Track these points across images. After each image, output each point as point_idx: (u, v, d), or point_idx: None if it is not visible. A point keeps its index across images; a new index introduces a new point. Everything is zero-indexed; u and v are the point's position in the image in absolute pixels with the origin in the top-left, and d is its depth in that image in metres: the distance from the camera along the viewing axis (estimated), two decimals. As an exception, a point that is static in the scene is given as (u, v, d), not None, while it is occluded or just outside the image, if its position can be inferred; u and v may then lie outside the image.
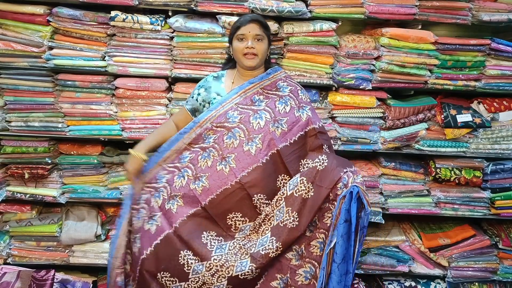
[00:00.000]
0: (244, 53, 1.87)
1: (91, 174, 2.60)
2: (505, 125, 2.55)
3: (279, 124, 1.84)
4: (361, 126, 2.52)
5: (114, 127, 2.49)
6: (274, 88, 1.95)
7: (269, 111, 1.87)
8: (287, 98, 1.91)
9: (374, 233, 2.72)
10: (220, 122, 1.86)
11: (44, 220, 2.66)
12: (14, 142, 2.53)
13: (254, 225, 1.83)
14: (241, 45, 1.87)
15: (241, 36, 1.87)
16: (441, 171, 2.56)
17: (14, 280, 2.46)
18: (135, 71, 2.39)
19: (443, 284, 2.73)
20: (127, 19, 2.27)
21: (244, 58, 1.88)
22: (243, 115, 1.85)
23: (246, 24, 1.86)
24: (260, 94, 1.92)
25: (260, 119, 1.84)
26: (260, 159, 1.80)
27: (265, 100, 1.90)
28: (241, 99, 1.90)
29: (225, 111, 1.87)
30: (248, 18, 1.87)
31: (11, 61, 2.37)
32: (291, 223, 1.77)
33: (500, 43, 2.41)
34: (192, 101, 2.00)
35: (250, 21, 1.86)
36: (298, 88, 2.00)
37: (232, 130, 1.83)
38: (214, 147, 1.85)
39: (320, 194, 1.77)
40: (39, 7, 2.29)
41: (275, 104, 1.89)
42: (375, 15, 2.37)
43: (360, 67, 2.42)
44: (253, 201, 1.80)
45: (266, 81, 1.96)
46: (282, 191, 1.82)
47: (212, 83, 1.98)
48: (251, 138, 1.82)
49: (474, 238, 2.67)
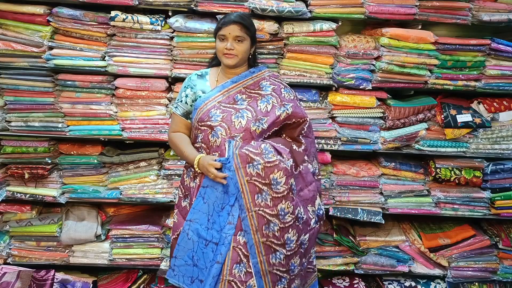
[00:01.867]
0: (223, 53, 1.92)
1: (91, 174, 2.60)
2: (505, 125, 2.55)
3: (260, 123, 1.87)
4: (361, 126, 2.52)
5: (114, 127, 2.49)
6: (257, 87, 1.98)
7: (251, 110, 1.90)
8: (269, 97, 1.94)
9: (374, 233, 2.72)
10: (203, 120, 1.89)
11: (44, 220, 2.66)
12: (14, 142, 2.53)
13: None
14: (222, 45, 1.91)
15: (222, 37, 1.91)
16: (441, 171, 2.56)
17: (14, 280, 2.46)
18: (135, 71, 2.39)
19: (443, 284, 2.73)
20: (127, 19, 2.27)
21: (224, 57, 1.93)
22: (225, 114, 1.88)
23: (228, 25, 1.89)
24: (242, 93, 1.95)
25: (242, 118, 1.87)
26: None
27: (247, 99, 1.93)
28: (223, 98, 1.92)
29: (208, 109, 1.90)
30: (230, 19, 1.90)
31: (11, 61, 2.37)
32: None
33: (500, 43, 2.41)
34: (182, 105, 2.00)
35: (231, 23, 1.89)
36: (281, 87, 2.01)
37: (215, 128, 1.86)
38: (202, 147, 1.92)
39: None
40: (39, 7, 2.29)
41: (257, 103, 1.92)
42: (375, 15, 2.37)
43: (360, 67, 2.42)
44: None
45: (249, 80, 1.98)
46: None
47: (196, 81, 2.00)
48: (233, 136, 1.85)
49: (474, 238, 2.67)
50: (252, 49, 2.01)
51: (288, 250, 1.84)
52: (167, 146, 2.66)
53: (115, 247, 2.67)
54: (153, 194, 2.59)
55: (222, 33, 1.90)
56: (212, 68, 2.07)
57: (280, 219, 1.80)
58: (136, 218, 2.74)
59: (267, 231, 1.80)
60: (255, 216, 1.79)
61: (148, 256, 2.68)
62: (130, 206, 2.83)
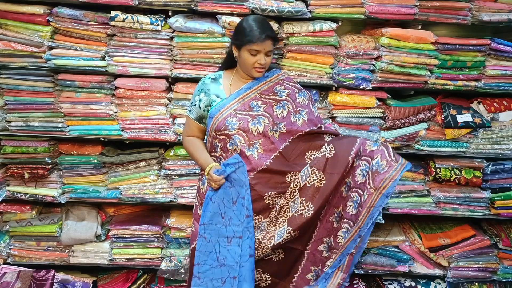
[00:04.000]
0: (255, 67, 1.88)
1: (91, 174, 2.60)
2: (505, 125, 2.55)
3: (278, 128, 1.88)
4: (361, 126, 2.52)
5: (114, 127, 2.49)
6: (271, 93, 1.96)
7: (267, 116, 1.89)
8: (284, 102, 1.93)
9: (374, 233, 2.72)
10: (220, 129, 1.88)
11: (44, 220, 2.66)
12: (14, 142, 2.53)
13: (270, 219, 1.90)
14: (253, 59, 1.85)
15: (254, 52, 1.85)
16: (441, 171, 2.56)
17: (14, 280, 2.46)
18: (135, 71, 2.39)
19: (443, 284, 2.73)
20: (127, 19, 2.27)
21: (254, 70, 1.89)
22: (241, 122, 1.87)
23: (263, 41, 1.82)
24: (257, 99, 1.93)
25: (259, 124, 1.87)
26: (264, 162, 1.86)
27: (262, 105, 1.92)
28: (239, 105, 1.91)
29: (224, 117, 1.88)
30: (264, 36, 1.81)
31: (11, 61, 2.37)
32: (306, 212, 1.85)
33: (500, 43, 2.41)
34: (196, 109, 1.98)
35: (265, 38, 1.82)
36: (296, 91, 2.00)
37: (233, 137, 1.86)
38: (222, 156, 1.92)
39: (331, 181, 1.85)
40: (39, 7, 2.29)
41: (273, 108, 1.91)
42: (375, 15, 2.37)
43: (360, 67, 2.42)
44: (264, 199, 1.87)
45: (263, 85, 1.97)
46: (295, 183, 1.89)
47: (210, 85, 1.97)
48: (252, 143, 1.85)
49: (474, 238, 2.67)
50: None
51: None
52: (167, 146, 2.66)
53: (115, 247, 2.67)
54: (153, 194, 2.59)
55: (255, 48, 1.83)
56: (226, 71, 2.02)
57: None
58: (136, 218, 2.75)
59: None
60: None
61: (148, 256, 2.68)
62: (130, 206, 2.83)
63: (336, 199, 1.88)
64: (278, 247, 1.88)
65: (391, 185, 1.75)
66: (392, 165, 1.79)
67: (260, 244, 1.86)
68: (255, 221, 1.88)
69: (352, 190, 1.84)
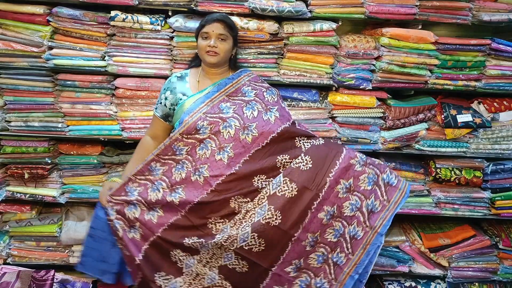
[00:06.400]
0: (206, 50, 1.93)
1: (91, 174, 2.60)
2: (505, 125, 2.55)
3: (249, 131, 1.88)
4: (361, 126, 2.52)
5: (114, 127, 2.49)
6: (239, 93, 1.98)
7: (238, 118, 1.90)
8: (253, 103, 1.94)
9: (374, 233, 2.72)
10: (190, 133, 1.88)
11: (44, 220, 2.65)
12: (14, 142, 2.52)
13: (234, 221, 1.87)
14: (204, 43, 1.93)
15: (205, 35, 1.93)
16: (441, 171, 2.56)
17: (14, 280, 2.46)
18: (135, 71, 2.39)
19: (443, 284, 2.73)
20: (127, 19, 2.27)
21: (206, 55, 1.94)
22: (213, 125, 1.87)
23: (211, 23, 1.91)
24: (226, 101, 1.94)
25: (230, 127, 1.87)
26: (233, 166, 1.85)
27: (232, 107, 1.93)
28: (208, 108, 1.92)
29: (194, 121, 1.89)
30: (213, 17, 1.92)
31: (11, 61, 2.37)
32: (273, 221, 1.82)
33: (500, 43, 2.41)
34: (161, 107, 2.02)
35: (214, 20, 1.91)
36: (263, 90, 2.01)
37: (204, 141, 1.86)
38: (187, 159, 1.90)
39: (304, 195, 1.84)
40: (39, 7, 2.29)
41: (243, 110, 1.92)
42: (375, 15, 2.37)
43: (360, 67, 2.42)
44: (230, 203, 1.86)
45: (230, 87, 1.98)
46: (265, 190, 1.86)
47: (176, 83, 2.00)
48: (222, 147, 1.86)
49: (474, 238, 2.67)
50: (233, 51, 2.03)
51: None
52: (167, 146, 2.66)
53: (115, 247, 2.66)
54: (153, 194, 2.58)
55: (205, 31, 1.92)
56: (192, 69, 2.07)
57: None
58: (136, 218, 2.74)
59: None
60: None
61: (148, 256, 2.68)
62: (130, 206, 2.82)
63: (313, 224, 1.86)
64: (243, 257, 1.84)
65: (384, 224, 1.85)
66: (384, 205, 1.87)
67: (222, 245, 1.83)
68: (219, 224, 1.86)
69: (336, 220, 1.86)
